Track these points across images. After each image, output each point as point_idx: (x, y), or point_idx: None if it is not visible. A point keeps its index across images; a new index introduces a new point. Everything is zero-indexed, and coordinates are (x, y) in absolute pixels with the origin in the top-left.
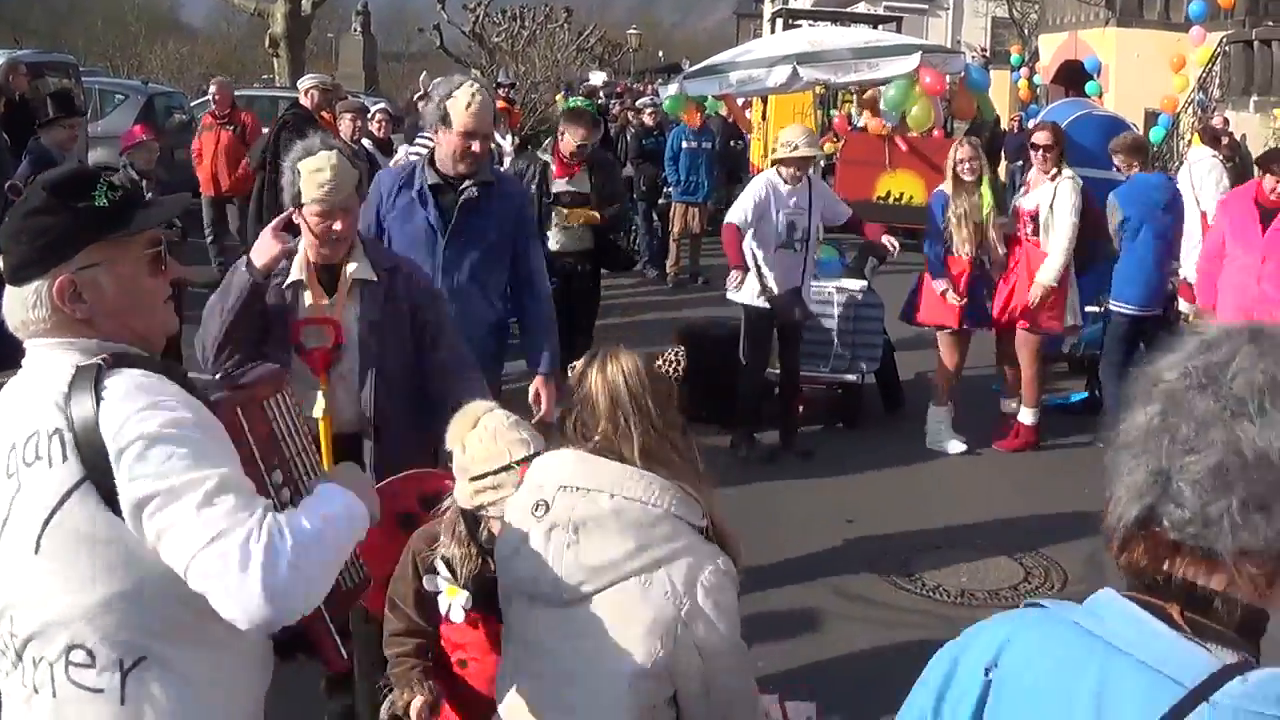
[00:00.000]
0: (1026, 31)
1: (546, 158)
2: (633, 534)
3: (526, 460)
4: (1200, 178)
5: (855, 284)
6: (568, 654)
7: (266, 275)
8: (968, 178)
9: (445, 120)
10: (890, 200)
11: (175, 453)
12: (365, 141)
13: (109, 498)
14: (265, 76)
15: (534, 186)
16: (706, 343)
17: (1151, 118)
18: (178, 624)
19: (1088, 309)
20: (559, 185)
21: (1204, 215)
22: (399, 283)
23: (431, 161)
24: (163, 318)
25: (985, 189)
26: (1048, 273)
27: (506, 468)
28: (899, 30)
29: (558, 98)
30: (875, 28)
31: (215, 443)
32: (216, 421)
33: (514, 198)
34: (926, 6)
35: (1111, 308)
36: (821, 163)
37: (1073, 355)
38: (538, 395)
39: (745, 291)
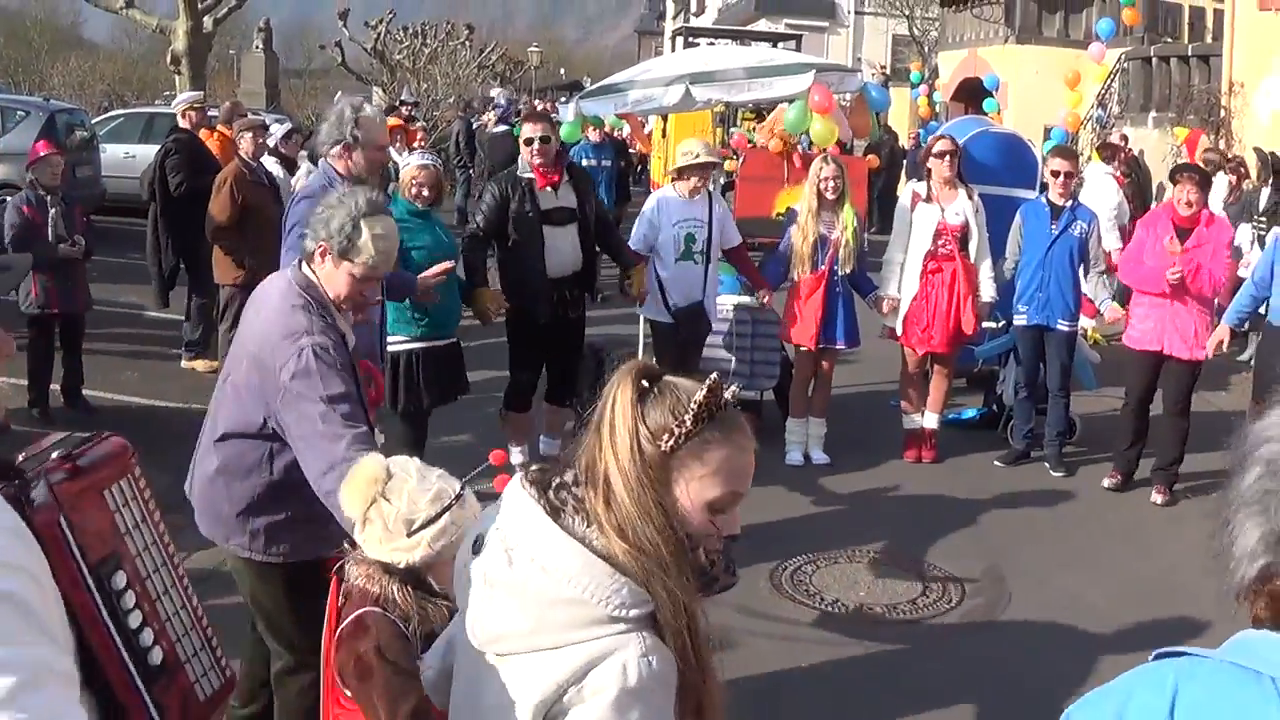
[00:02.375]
0: (926, 49)
1: (529, 175)
2: (534, 613)
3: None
4: (1094, 194)
5: (753, 301)
6: (468, 711)
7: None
8: (830, 196)
9: (357, 139)
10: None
11: None
12: (266, 159)
13: None
14: (167, 94)
15: (526, 207)
16: (611, 361)
17: (1046, 133)
18: None
19: (986, 325)
20: (548, 201)
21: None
22: None
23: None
24: None
25: (847, 208)
26: (990, 288)
27: (457, 497)
28: (798, 48)
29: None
30: (775, 46)
31: (21, 617)
32: (32, 560)
33: None
34: (827, 24)
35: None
36: (722, 180)
37: (970, 370)
38: None
39: (650, 306)
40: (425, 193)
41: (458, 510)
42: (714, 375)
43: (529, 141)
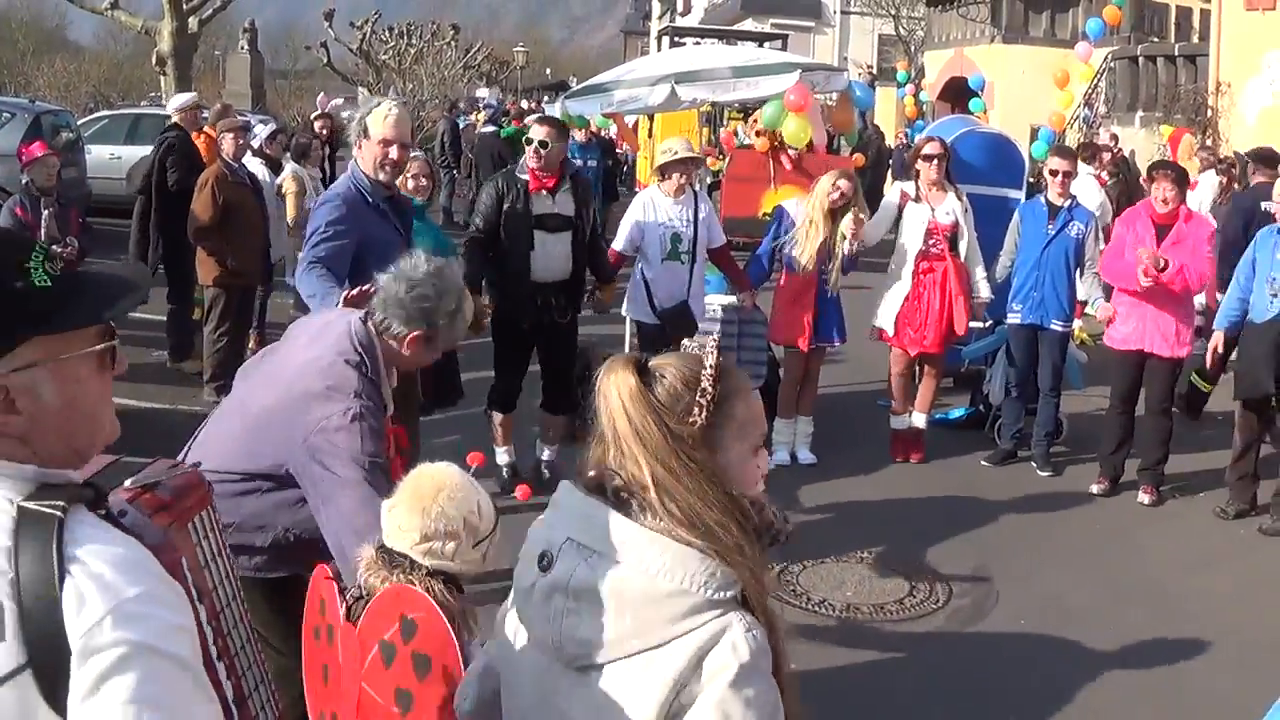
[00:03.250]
0: (913, 49)
1: (524, 176)
2: (632, 615)
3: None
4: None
5: (738, 301)
6: (576, 717)
7: None
8: (840, 207)
9: (365, 132)
10: None
11: (154, 688)
12: (248, 160)
13: (51, 689)
14: (152, 95)
15: (518, 208)
16: (599, 363)
17: (1033, 133)
18: None
19: (973, 325)
20: (542, 205)
21: None
22: None
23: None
24: (109, 430)
25: (847, 217)
26: (986, 287)
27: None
28: (784, 48)
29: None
30: (761, 45)
31: (193, 681)
32: (189, 614)
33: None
34: (813, 24)
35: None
36: (708, 179)
37: (957, 370)
38: None
39: (635, 306)
40: (423, 182)
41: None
42: (708, 335)
43: (529, 142)
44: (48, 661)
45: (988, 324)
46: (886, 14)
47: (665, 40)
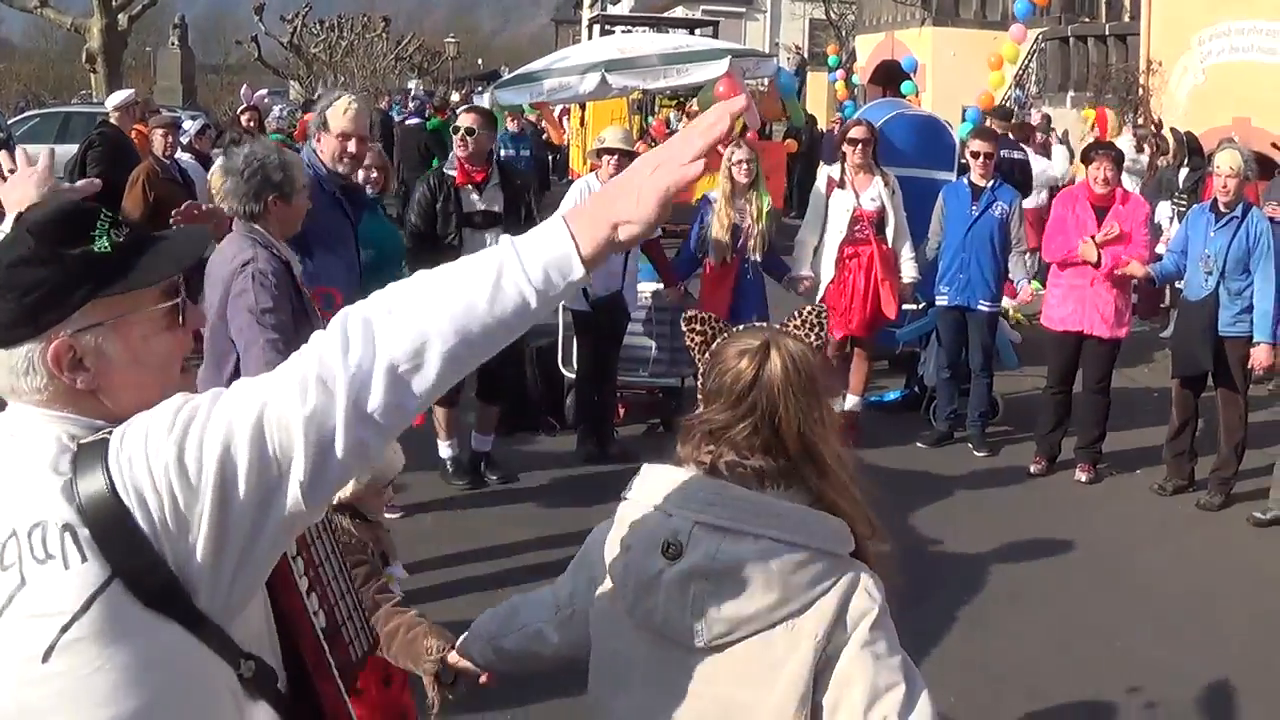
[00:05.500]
0: (844, 32)
1: (451, 171)
2: (779, 583)
3: None
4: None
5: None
6: (710, 697)
7: None
8: (743, 180)
9: (324, 125)
10: None
11: (204, 424)
12: (181, 156)
13: (146, 592)
14: (83, 92)
15: (449, 208)
16: (534, 352)
17: (964, 114)
18: None
19: (906, 307)
20: (469, 203)
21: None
22: None
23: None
24: (179, 385)
25: (761, 194)
26: (912, 269)
27: None
28: (716, 34)
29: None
30: (692, 32)
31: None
32: None
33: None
34: (744, 10)
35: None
36: None
37: (891, 353)
38: None
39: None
40: (374, 174)
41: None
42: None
43: (456, 130)
44: (131, 566)
45: (920, 306)
46: None
47: (596, 29)
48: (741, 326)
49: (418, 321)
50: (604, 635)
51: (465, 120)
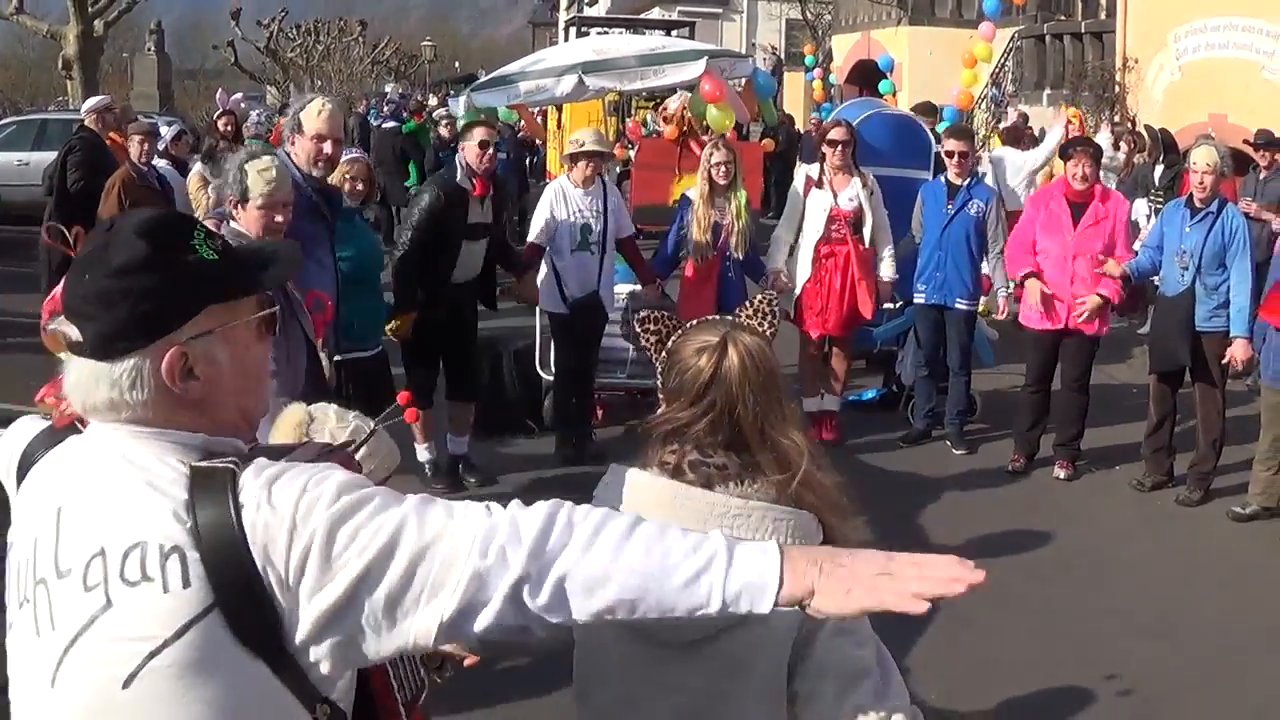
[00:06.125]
0: (820, 33)
1: (466, 186)
2: None
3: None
4: (1006, 177)
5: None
6: (688, 691)
7: None
8: (722, 181)
9: (299, 127)
10: None
11: (369, 517)
12: (158, 162)
13: (242, 628)
14: (60, 99)
15: (458, 224)
16: (512, 355)
17: (938, 111)
18: None
19: (884, 306)
20: (475, 214)
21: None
22: None
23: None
24: (268, 395)
25: (740, 193)
26: (890, 268)
27: (372, 432)
28: (692, 35)
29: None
30: (669, 34)
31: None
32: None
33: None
34: (720, 11)
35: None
36: (617, 169)
37: (869, 352)
38: None
39: (546, 298)
40: (359, 186)
41: (374, 443)
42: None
43: (484, 145)
44: (234, 599)
45: (898, 305)
46: None
47: (573, 31)
48: (694, 322)
49: (613, 560)
50: (584, 630)
51: (483, 134)
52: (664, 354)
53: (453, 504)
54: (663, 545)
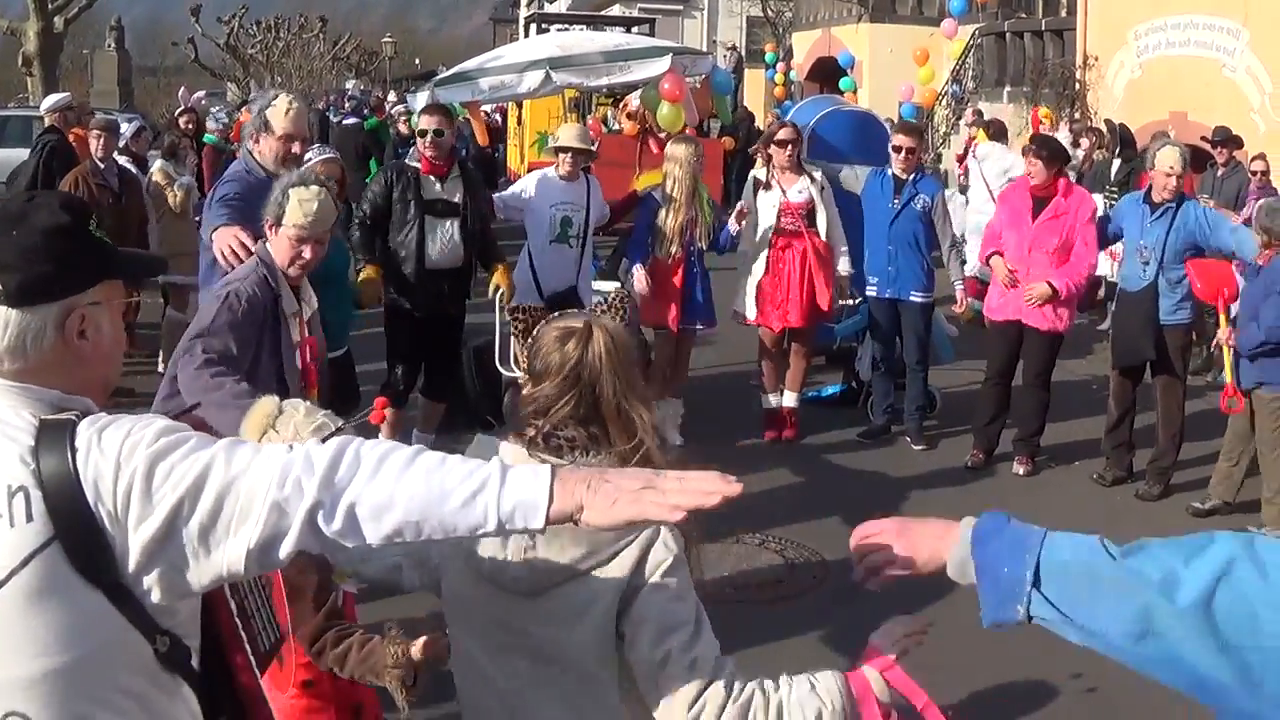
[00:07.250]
0: (781, 30)
1: (415, 164)
2: (586, 539)
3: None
4: (994, 173)
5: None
6: (537, 636)
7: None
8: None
9: (266, 126)
10: None
11: (184, 456)
12: (119, 158)
13: (79, 558)
14: (20, 96)
15: (409, 196)
16: (472, 352)
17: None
18: (126, 691)
19: (843, 303)
20: (430, 191)
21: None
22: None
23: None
24: (118, 370)
25: (701, 187)
26: (846, 263)
27: (338, 430)
28: (652, 32)
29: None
30: (629, 30)
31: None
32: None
33: None
34: (681, 7)
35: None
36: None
37: (829, 348)
38: None
39: (520, 291)
40: (332, 185)
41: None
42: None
43: (423, 134)
44: (72, 533)
45: (857, 301)
46: None
47: (533, 28)
48: (557, 314)
49: (396, 486)
50: (452, 582)
51: (431, 123)
52: (529, 340)
53: (261, 445)
54: (441, 472)
